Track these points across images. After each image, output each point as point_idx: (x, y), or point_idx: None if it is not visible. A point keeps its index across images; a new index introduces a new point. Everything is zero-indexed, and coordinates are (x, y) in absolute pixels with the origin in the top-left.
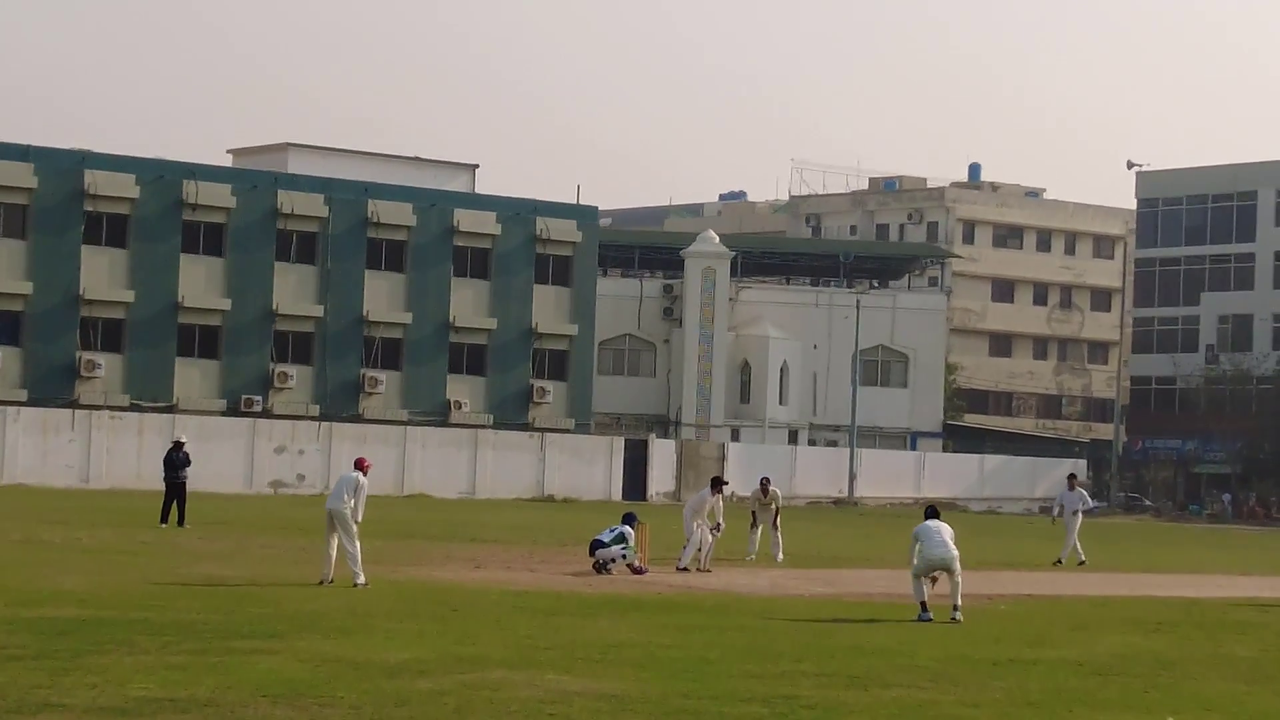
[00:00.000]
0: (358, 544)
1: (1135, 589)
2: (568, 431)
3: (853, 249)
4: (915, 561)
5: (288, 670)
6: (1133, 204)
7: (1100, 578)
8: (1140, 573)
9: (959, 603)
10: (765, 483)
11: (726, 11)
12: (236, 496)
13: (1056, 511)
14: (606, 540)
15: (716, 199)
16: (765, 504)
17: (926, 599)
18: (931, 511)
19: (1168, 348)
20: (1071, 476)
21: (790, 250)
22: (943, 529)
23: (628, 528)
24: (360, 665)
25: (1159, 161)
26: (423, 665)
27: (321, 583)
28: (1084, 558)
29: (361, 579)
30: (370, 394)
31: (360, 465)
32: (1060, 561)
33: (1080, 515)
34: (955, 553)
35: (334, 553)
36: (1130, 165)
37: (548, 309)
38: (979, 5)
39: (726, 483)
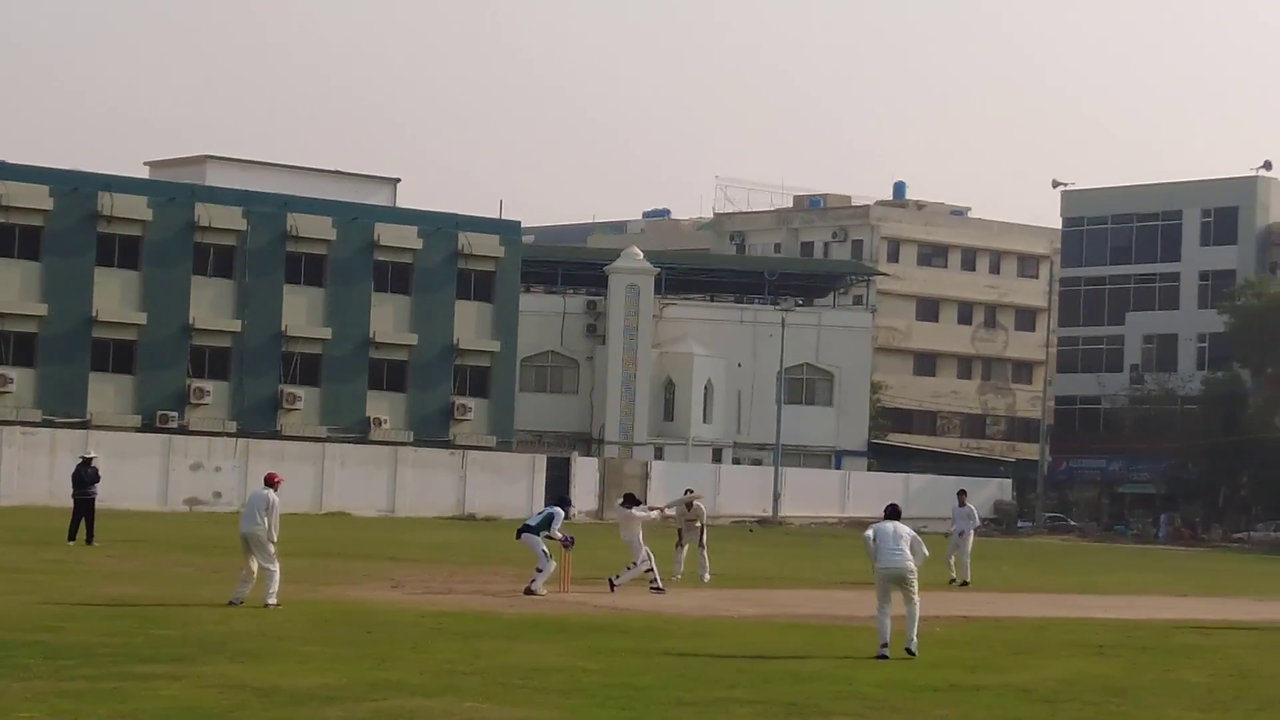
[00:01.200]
0: (277, 565)
1: (1072, 610)
2: (489, 449)
3: (778, 266)
4: (875, 569)
5: (189, 697)
6: (1058, 223)
7: (1035, 599)
8: (1074, 594)
9: (914, 638)
10: (690, 494)
11: (649, 29)
12: (150, 514)
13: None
14: (534, 524)
15: (641, 216)
16: (690, 520)
17: (889, 638)
18: (891, 511)
19: (1092, 367)
20: (961, 493)
21: (715, 267)
22: (901, 533)
23: (557, 509)
24: (268, 692)
25: (1084, 181)
26: (334, 691)
27: (232, 604)
28: (962, 577)
29: (274, 600)
30: (289, 410)
31: (270, 481)
32: (965, 582)
33: (971, 533)
34: (913, 564)
35: (254, 573)
36: (1055, 184)
37: (470, 325)
38: (902, 24)
39: (639, 501)
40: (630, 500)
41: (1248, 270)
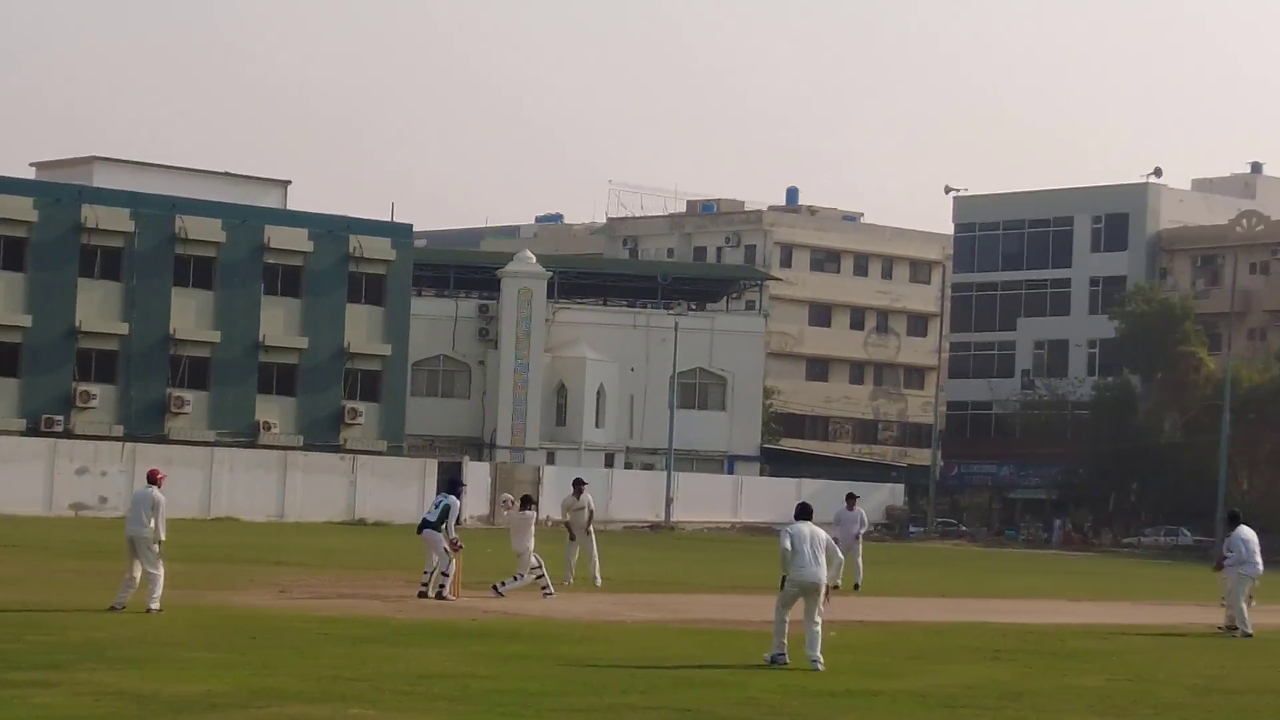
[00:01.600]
0: (161, 568)
1: (968, 615)
2: (380, 454)
3: (671, 271)
4: (786, 576)
5: (63, 705)
6: (950, 229)
7: (930, 604)
8: (969, 598)
9: (818, 654)
10: (579, 484)
11: (543, 33)
12: (35, 519)
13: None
14: (434, 519)
15: (533, 221)
16: (579, 509)
17: (786, 640)
18: (803, 511)
19: (984, 373)
20: (851, 496)
21: (608, 271)
22: (818, 538)
23: (452, 498)
24: (145, 699)
25: (976, 187)
26: (215, 699)
27: (113, 609)
28: (850, 581)
29: (156, 605)
30: (176, 414)
31: (153, 478)
32: (856, 585)
33: (860, 537)
34: (824, 576)
35: (136, 578)
36: (948, 190)
37: (360, 329)
38: (795, 29)
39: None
40: (527, 502)
41: (1138, 276)
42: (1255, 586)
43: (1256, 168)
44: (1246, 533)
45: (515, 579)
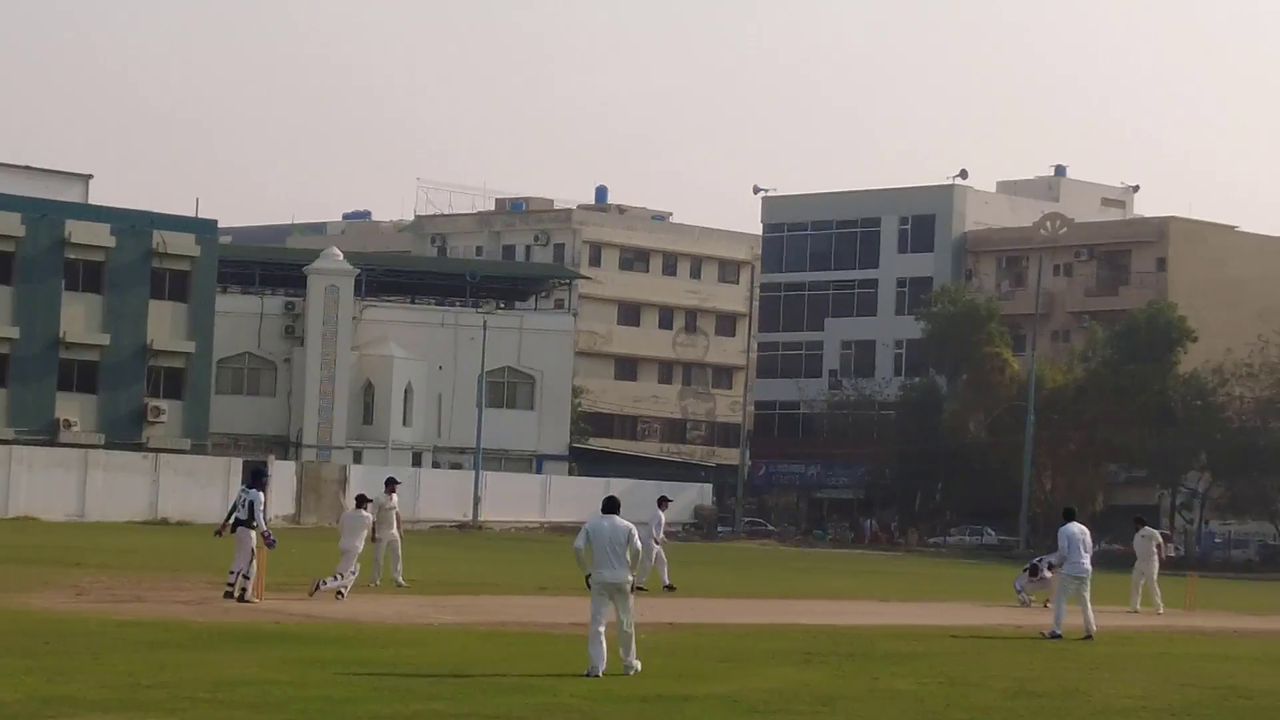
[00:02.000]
0: None
1: (778, 617)
2: (183, 452)
3: (480, 269)
4: (590, 580)
5: None
6: (759, 229)
7: (740, 605)
8: (778, 599)
9: (634, 658)
10: (392, 483)
11: (351, 28)
12: None
13: (658, 535)
14: (245, 517)
15: (340, 218)
16: (390, 508)
17: (603, 664)
18: (610, 504)
19: (792, 373)
20: (663, 499)
21: (416, 269)
22: (618, 533)
23: (255, 492)
24: None
25: (785, 187)
26: (3, 709)
27: None
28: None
29: None
30: None
31: None
32: (671, 586)
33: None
34: (629, 575)
35: None
36: (756, 190)
37: (164, 325)
38: (606, 29)
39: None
40: (362, 501)
41: (944, 278)
42: (1082, 586)
43: (1060, 170)
44: (1071, 529)
45: (335, 578)
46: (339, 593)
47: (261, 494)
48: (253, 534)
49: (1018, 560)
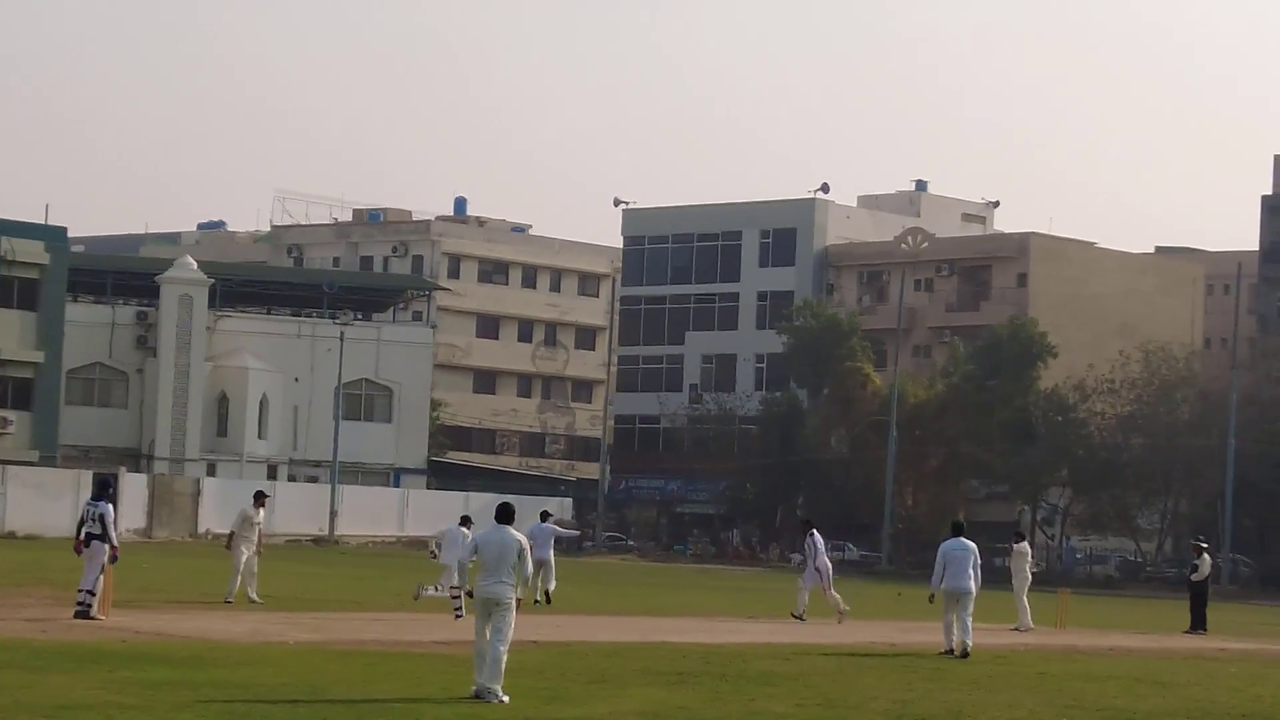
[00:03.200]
0: None
1: (644, 634)
2: (32, 464)
3: (337, 279)
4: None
5: None
6: (620, 242)
7: (604, 622)
8: (643, 616)
9: (498, 688)
10: (261, 496)
11: (207, 35)
12: None
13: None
14: (98, 531)
15: (195, 228)
16: (254, 524)
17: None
18: (503, 512)
19: (652, 387)
20: (545, 512)
21: (272, 279)
22: (508, 546)
23: (106, 505)
24: None
25: (645, 200)
26: None
27: None
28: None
29: None
30: None
31: None
32: (547, 599)
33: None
34: (510, 596)
35: None
36: (617, 203)
37: (11, 334)
38: (459, 38)
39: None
40: (466, 521)
41: (805, 292)
42: (964, 603)
43: (921, 185)
44: (949, 546)
45: (435, 588)
46: (457, 612)
47: (110, 506)
48: (105, 548)
49: (881, 576)
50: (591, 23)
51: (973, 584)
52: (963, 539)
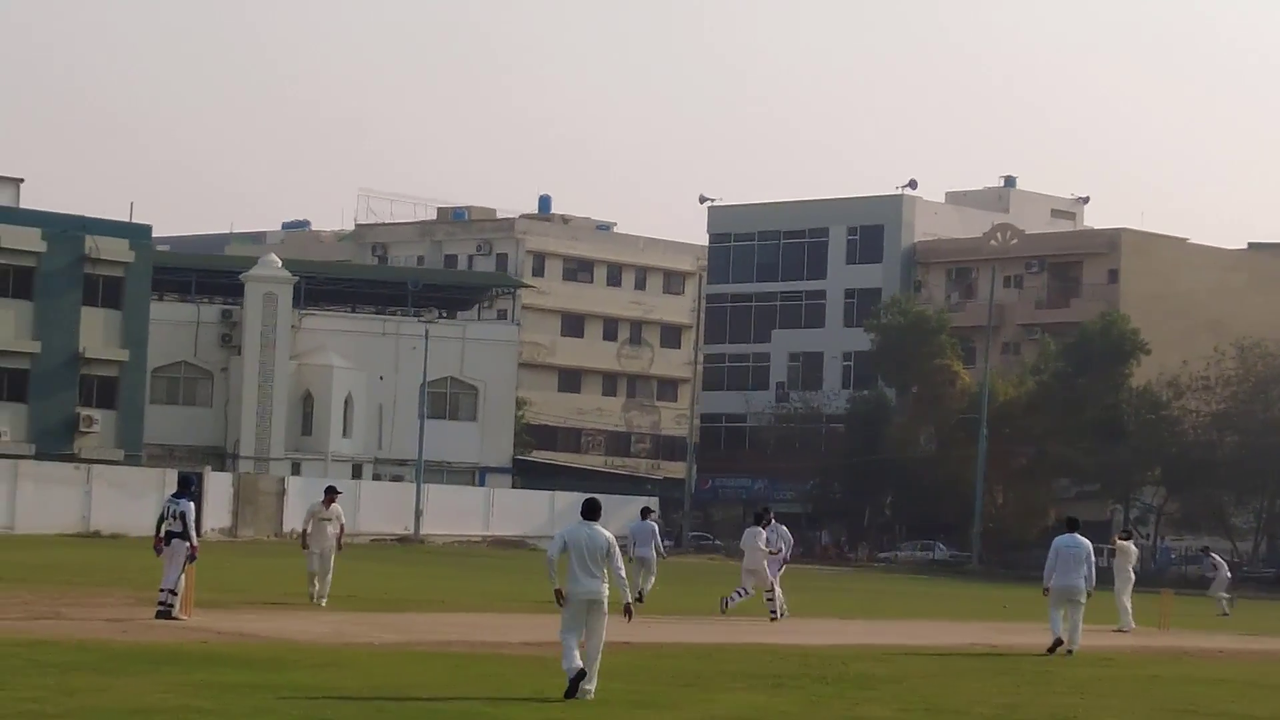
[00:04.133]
0: None
1: (738, 636)
2: (116, 463)
3: (421, 277)
4: (567, 593)
5: None
6: (705, 239)
7: (696, 624)
8: (736, 617)
9: (590, 686)
10: (332, 492)
11: (288, 35)
12: None
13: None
14: (179, 529)
15: (279, 228)
16: (325, 518)
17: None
18: (589, 509)
19: (738, 385)
20: (646, 509)
21: (356, 277)
22: (596, 543)
23: (187, 502)
24: None
25: (731, 197)
26: None
27: None
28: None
29: None
30: None
31: None
32: (639, 599)
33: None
34: (601, 593)
35: None
36: (702, 200)
37: (96, 333)
38: (544, 35)
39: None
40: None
41: (893, 289)
42: (1076, 602)
43: (1010, 181)
44: (1062, 541)
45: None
46: (776, 614)
47: (192, 504)
48: (186, 546)
49: (970, 576)
50: (677, 19)
51: (1084, 582)
52: (1076, 535)
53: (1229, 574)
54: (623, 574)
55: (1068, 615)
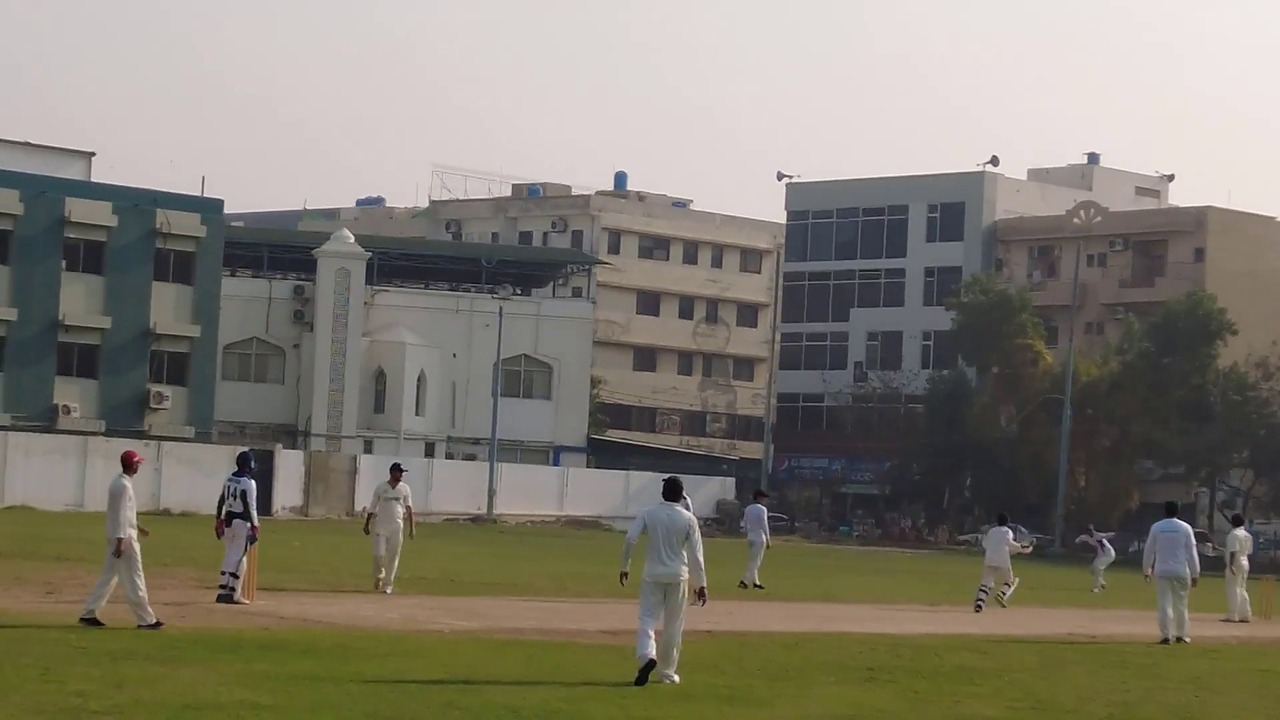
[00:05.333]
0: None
1: (824, 623)
2: (187, 440)
3: (496, 253)
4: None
5: None
6: (783, 217)
7: (779, 609)
8: (815, 602)
9: (674, 668)
10: (397, 470)
11: (356, 16)
12: None
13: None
14: (239, 509)
15: (353, 204)
16: (391, 497)
17: (651, 650)
18: (670, 489)
19: (816, 364)
20: (759, 492)
21: (430, 253)
22: (676, 523)
23: (248, 480)
24: None
25: (809, 174)
26: None
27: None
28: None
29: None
30: None
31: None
32: (748, 584)
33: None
34: (681, 575)
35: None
36: (780, 176)
37: (167, 308)
38: (620, 10)
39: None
40: (1004, 519)
41: (973, 267)
42: (1180, 588)
43: (1093, 158)
44: (1160, 527)
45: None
46: (985, 602)
47: (253, 482)
48: (248, 527)
49: (1054, 560)
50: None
51: (1186, 568)
52: (1175, 520)
53: None
54: (700, 557)
55: (1174, 606)
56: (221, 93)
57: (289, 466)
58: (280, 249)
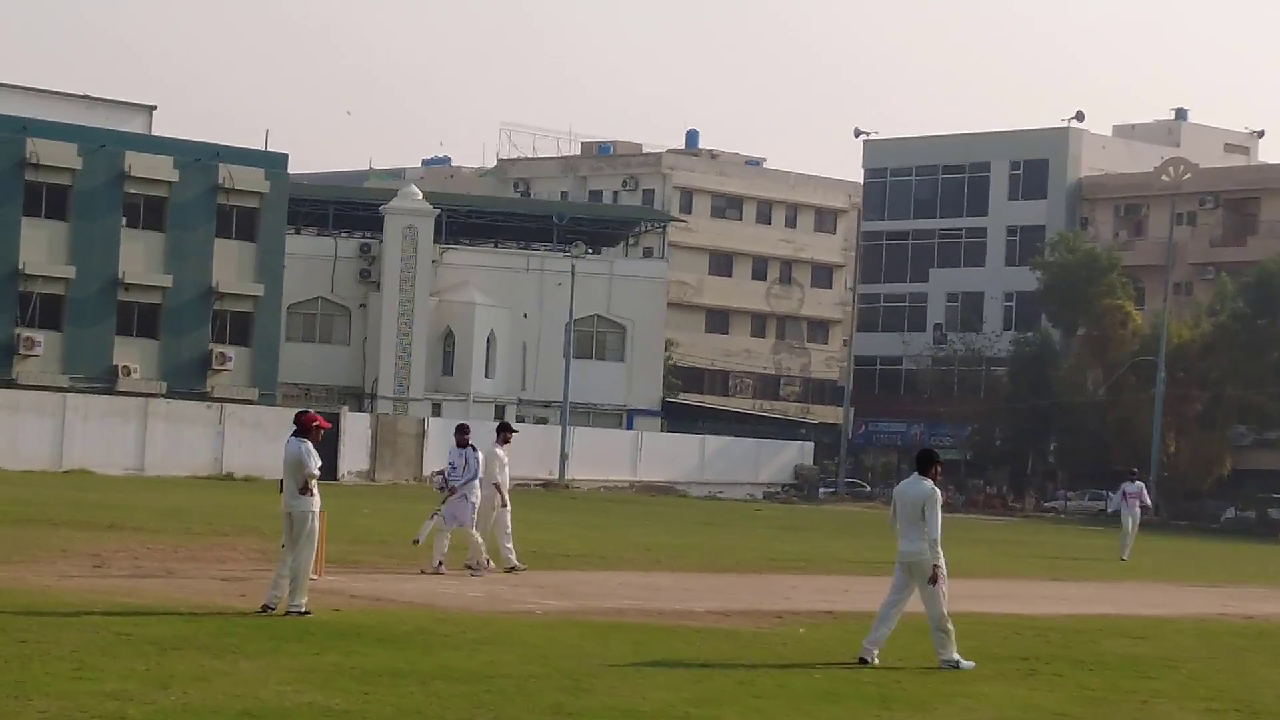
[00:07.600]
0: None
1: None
2: (250, 402)
3: (566, 211)
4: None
5: None
6: (859, 176)
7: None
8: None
9: (951, 654)
10: (506, 430)
11: None
12: None
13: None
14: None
15: (419, 164)
16: (505, 464)
17: (876, 640)
18: (921, 460)
19: (894, 326)
20: (1133, 471)
21: (499, 210)
22: (911, 495)
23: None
24: None
25: (887, 130)
26: None
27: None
28: None
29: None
30: (26, 356)
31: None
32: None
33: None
34: (921, 554)
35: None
36: (858, 133)
37: (230, 266)
38: None
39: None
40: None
41: (1057, 225)
42: None
43: (1181, 114)
44: None
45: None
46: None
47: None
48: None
49: (1148, 529)
50: None
51: None
52: None
53: None
54: (934, 530)
55: None
56: (285, 48)
57: (355, 430)
58: (345, 206)
